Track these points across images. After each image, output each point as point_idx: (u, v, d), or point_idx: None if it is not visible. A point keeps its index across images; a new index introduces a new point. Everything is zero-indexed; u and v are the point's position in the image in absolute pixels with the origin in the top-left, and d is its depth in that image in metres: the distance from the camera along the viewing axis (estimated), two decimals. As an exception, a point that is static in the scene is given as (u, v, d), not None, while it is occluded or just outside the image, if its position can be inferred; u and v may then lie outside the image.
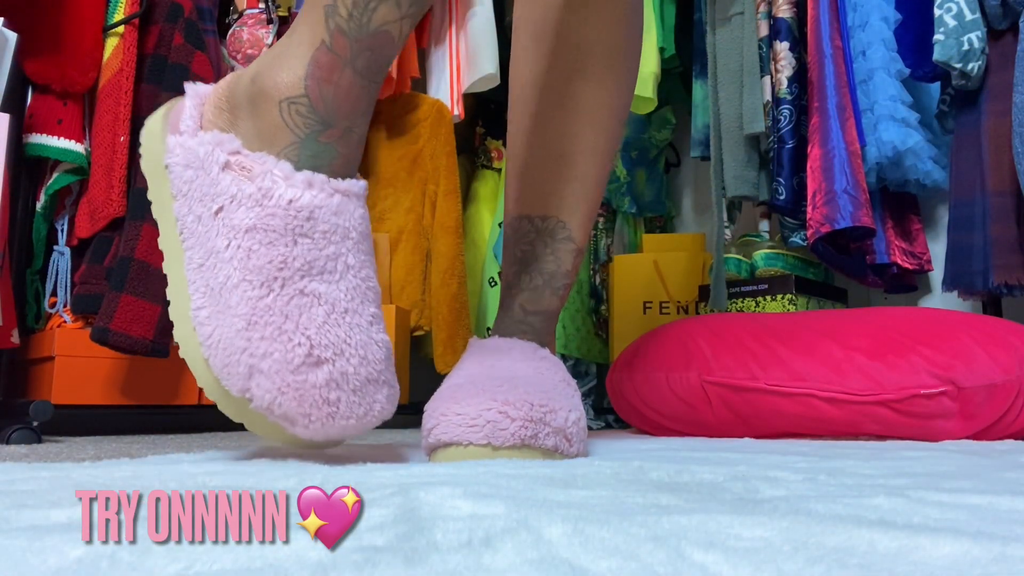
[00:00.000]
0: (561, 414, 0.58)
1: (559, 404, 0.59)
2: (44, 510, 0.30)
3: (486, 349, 0.67)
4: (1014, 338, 0.91)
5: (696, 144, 1.57)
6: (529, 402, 0.56)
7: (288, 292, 0.49)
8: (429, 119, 1.67)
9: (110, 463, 0.51)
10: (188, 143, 0.53)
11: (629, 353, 1.10)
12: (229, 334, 0.49)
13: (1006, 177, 1.22)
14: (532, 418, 0.55)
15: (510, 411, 0.55)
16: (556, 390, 0.62)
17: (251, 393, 0.49)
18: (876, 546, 0.25)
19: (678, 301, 1.56)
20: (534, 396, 0.57)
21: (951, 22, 1.25)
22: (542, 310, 0.72)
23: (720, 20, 1.52)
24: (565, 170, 0.73)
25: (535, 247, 0.73)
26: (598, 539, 0.25)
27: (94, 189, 1.23)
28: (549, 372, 0.65)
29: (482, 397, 0.55)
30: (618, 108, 0.75)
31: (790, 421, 0.95)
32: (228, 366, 0.50)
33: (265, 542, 0.24)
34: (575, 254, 0.74)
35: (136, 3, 1.29)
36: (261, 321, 0.48)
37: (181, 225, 0.54)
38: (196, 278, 0.52)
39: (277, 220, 0.49)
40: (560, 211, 0.73)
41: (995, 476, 0.47)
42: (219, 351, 0.50)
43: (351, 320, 0.50)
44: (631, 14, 0.75)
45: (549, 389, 0.60)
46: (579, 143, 0.73)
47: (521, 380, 0.59)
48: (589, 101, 0.73)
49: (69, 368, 1.17)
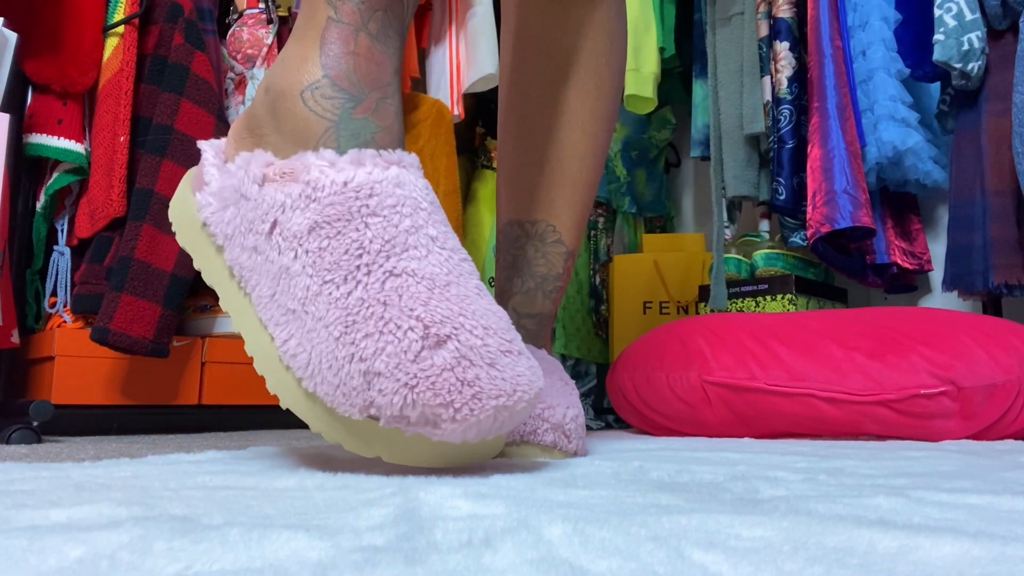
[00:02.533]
0: (559, 410, 0.59)
1: (557, 401, 0.60)
2: (44, 510, 0.30)
3: None
4: (1014, 338, 0.91)
5: (696, 144, 1.57)
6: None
7: (377, 277, 0.43)
8: (429, 119, 1.67)
9: (110, 463, 0.51)
10: (217, 185, 0.50)
11: (629, 353, 1.10)
12: (328, 348, 0.43)
13: (1006, 177, 1.22)
14: (530, 414, 0.55)
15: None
16: (553, 388, 0.62)
17: (376, 405, 0.42)
18: (876, 546, 0.25)
19: (678, 301, 1.56)
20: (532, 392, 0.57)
21: (951, 22, 1.25)
22: (535, 313, 0.72)
23: (720, 20, 1.52)
24: (553, 174, 0.73)
25: (526, 251, 0.73)
26: (598, 539, 0.25)
27: (94, 189, 1.23)
28: (546, 371, 0.65)
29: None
30: (604, 113, 0.75)
31: (790, 421, 0.95)
32: (340, 385, 0.42)
33: (265, 542, 0.24)
34: (566, 257, 0.73)
35: (136, 3, 1.29)
36: (359, 318, 0.42)
37: (237, 270, 0.48)
38: (271, 311, 0.46)
39: (338, 207, 0.44)
40: (550, 215, 0.73)
41: (995, 476, 0.47)
42: (323, 373, 0.43)
43: (457, 292, 0.44)
44: (613, 20, 0.75)
45: (546, 387, 0.61)
46: (566, 148, 0.73)
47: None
48: (574, 107, 0.73)
49: (69, 368, 1.17)
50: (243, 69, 1.50)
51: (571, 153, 0.73)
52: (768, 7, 1.47)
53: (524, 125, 0.75)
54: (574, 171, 0.74)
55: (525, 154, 0.75)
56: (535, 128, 0.74)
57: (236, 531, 0.25)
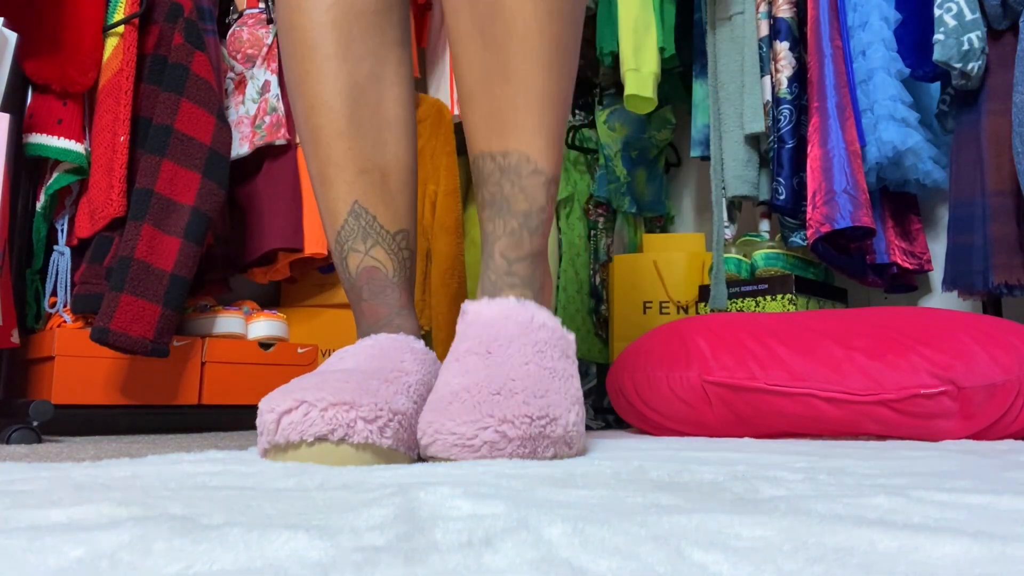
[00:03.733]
0: (561, 422, 0.58)
1: (559, 409, 0.58)
2: (44, 510, 0.30)
3: (480, 329, 0.63)
4: (1014, 338, 0.91)
5: (696, 144, 1.57)
6: (528, 416, 0.55)
7: None
8: (429, 119, 1.67)
9: (110, 463, 0.51)
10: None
11: (629, 353, 1.10)
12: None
13: (1006, 177, 1.22)
14: (530, 435, 0.55)
15: (508, 430, 0.54)
16: (555, 385, 0.60)
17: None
18: (876, 546, 0.25)
19: (678, 301, 1.56)
20: (533, 407, 0.56)
21: (951, 22, 1.25)
22: (525, 255, 0.68)
23: (720, 20, 1.52)
24: (517, 93, 0.66)
25: (502, 187, 0.67)
26: (598, 539, 0.25)
27: (94, 189, 1.24)
28: (548, 357, 0.62)
29: (478, 412, 0.54)
30: (564, 11, 0.66)
31: (790, 421, 0.95)
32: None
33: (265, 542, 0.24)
34: (547, 185, 0.68)
35: (136, 3, 1.29)
36: None
37: None
38: None
39: None
40: (521, 142, 0.66)
41: (995, 476, 0.47)
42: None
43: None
44: None
45: (549, 389, 0.59)
46: (528, 57, 0.65)
47: (519, 385, 0.58)
48: (526, 8, 0.65)
49: (69, 368, 1.17)
50: (243, 69, 1.50)
51: (534, 63, 0.65)
52: (768, 7, 1.47)
53: (469, 39, 0.67)
54: (540, 84, 0.66)
55: (483, 71, 0.67)
56: (490, 38, 0.66)
57: (236, 531, 0.25)
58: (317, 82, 0.70)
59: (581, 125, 1.88)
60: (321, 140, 0.70)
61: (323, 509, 0.32)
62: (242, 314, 1.38)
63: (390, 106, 0.73)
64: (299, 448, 0.53)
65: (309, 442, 0.52)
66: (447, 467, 0.49)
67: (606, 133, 1.80)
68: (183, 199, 1.23)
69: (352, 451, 0.53)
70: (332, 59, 0.70)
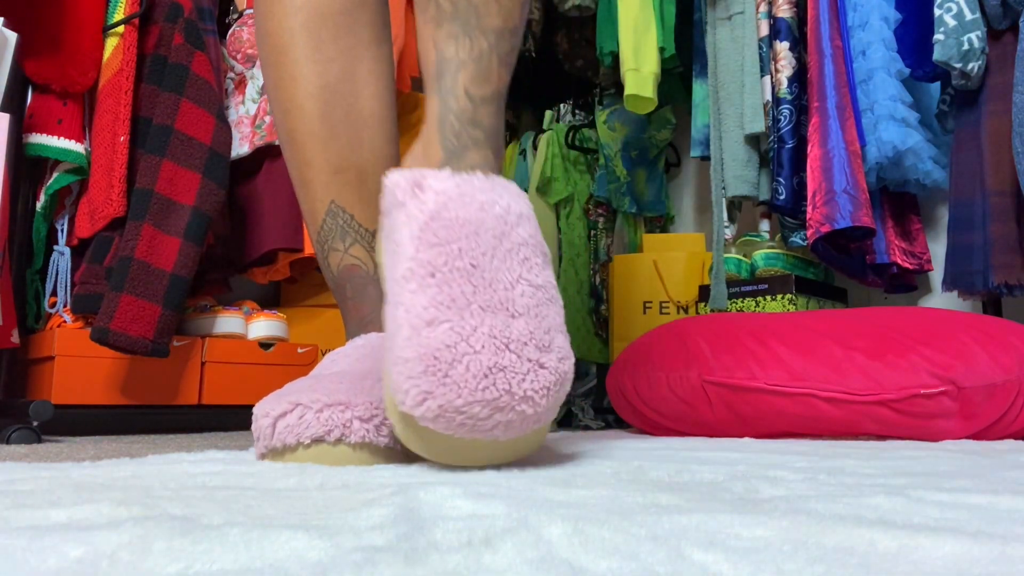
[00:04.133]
0: (569, 362, 0.50)
1: (564, 343, 0.50)
2: (44, 510, 0.30)
3: (454, 226, 0.50)
4: (1014, 338, 0.91)
5: (696, 144, 1.57)
6: (549, 385, 0.48)
7: None
8: (429, 119, 1.67)
9: (110, 463, 0.51)
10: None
11: (629, 353, 1.10)
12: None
13: (1006, 177, 1.22)
14: (550, 406, 0.49)
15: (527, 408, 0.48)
16: (551, 312, 0.51)
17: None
18: (876, 546, 0.25)
19: (678, 301, 1.56)
20: (548, 358, 0.49)
21: (951, 22, 1.25)
22: (492, 93, 0.55)
23: (720, 20, 1.52)
24: None
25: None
26: (598, 539, 0.25)
27: (94, 189, 1.24)
28: (534, 269, 0.51)
29: (492, 385, 0.47)
30: None
31: (790, 421, 0.95)
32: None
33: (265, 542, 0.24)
34: (522, 3, 0.58)
35: (136, 3, 1.29)
36: None
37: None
38: None
39: None
40: None
41: (995, 476, 0.47)
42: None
43: None
44: None
45: (551, 324, 0.50)
46: None
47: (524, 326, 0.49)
48: None
49: (69, 368, 1.17)
50: (243, 69, 1.50)
51: None
52: (768, 7, 1.47)
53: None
54: None
55: None
56: None
57: (236, 531, 0.25)
58: (289, 85, 0.70)
59: (581, 125, 1.88)
60: (296, 142, 0.71)
61: (323, 509, 0.32)
62: (242, 314, 1.38)
63: (365, 104, 0.73)
64: (296, 451, 0.53)
65: (306, 444, 0.52)
66: (447, 467, 0.49)
67: (606, 133, 1.80)
68: (183, 199, 1.23)
69: (349, 451, 0.53)
70: (302, 62, 0.70)
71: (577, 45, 1.87)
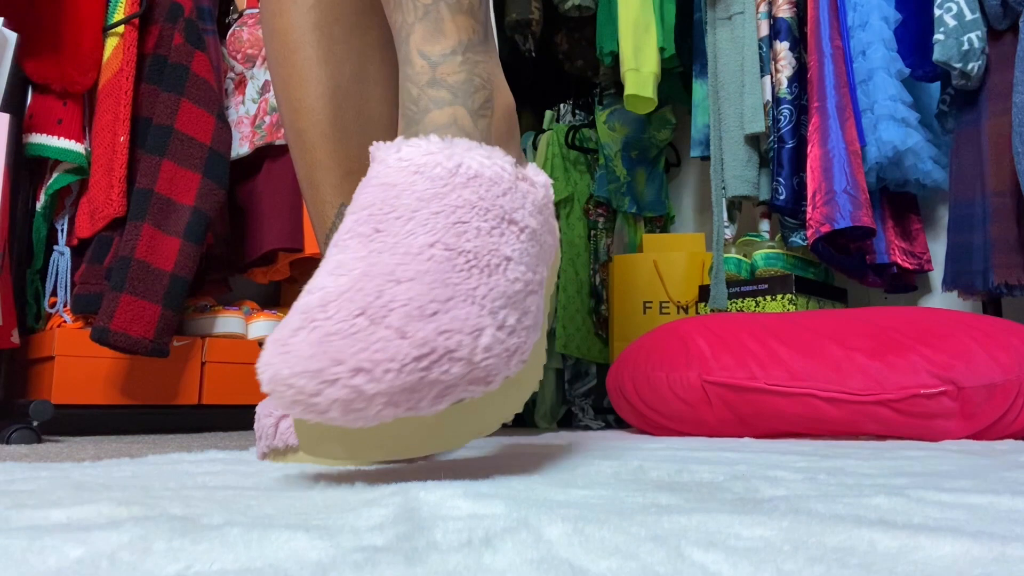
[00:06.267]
0: (463, 351, 0.41)
1: (465, 326, 0.41)
2: (44, 510, 0.30)
3: (374, 191, 0.46)
4: (1014, 338, 0.91)
5: (696, 144, 1.57)
6: (396, 360, 0.39)
7: None
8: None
9: (110, 463, 0.51)
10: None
11: (629, 353, 1.10)
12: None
13: (1006, 177, 1.22)
14: (406, 386, 0.39)
15: (365, 385, 0.38)
16: (469, 283, 0.43)
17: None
18: (876, 546, 0.25)
19: (678, 301, 1.56)
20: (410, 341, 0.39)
21: (951, 22, 1.25)
22: (452, 47, 0.51)
23: (720, 20, 1.52)
24: None
25: None
26: (598, 539, 0.25)
27: (94, 189, 1.24)
28: (470, 232, 0.44)
29: (323, 353, 0.38)
30: None
31: (790, 421, 0.95)
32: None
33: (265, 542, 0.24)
34: None
35: (136, 3, 1.29)
36: None
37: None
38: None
39: None
40: None
41: (995, 476, 0.47)
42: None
43: None
44: None
45: (455, 293, 0.42)
46: None
47: (403, 293, 0.41)
48: None
49: (69, 368, 1.17)
50: (243, 69, 1.50)
51: None
52: (768, 7, 1.47)
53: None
54: None
55: None
56: None
57: (236, 531, 0.25)
58: (299, 85, 0.69)
59: (581, 125, 1.88)
60: (306, 144, 0.70)
61: (323, 509, 0.32)
62: (242, 314, 1.38)
63: (375, 106, 0.72)
64: (298, 451, 0.53)
65: None
66: (447, 467, 0.49)
67: (606, 133, 1.80)
68: (183, 199, 1.23)
69: None
70: (314, 62, 0.69)
71: (577, 45, 1.87)
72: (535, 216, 0.47)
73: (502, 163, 0.46)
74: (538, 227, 0.48)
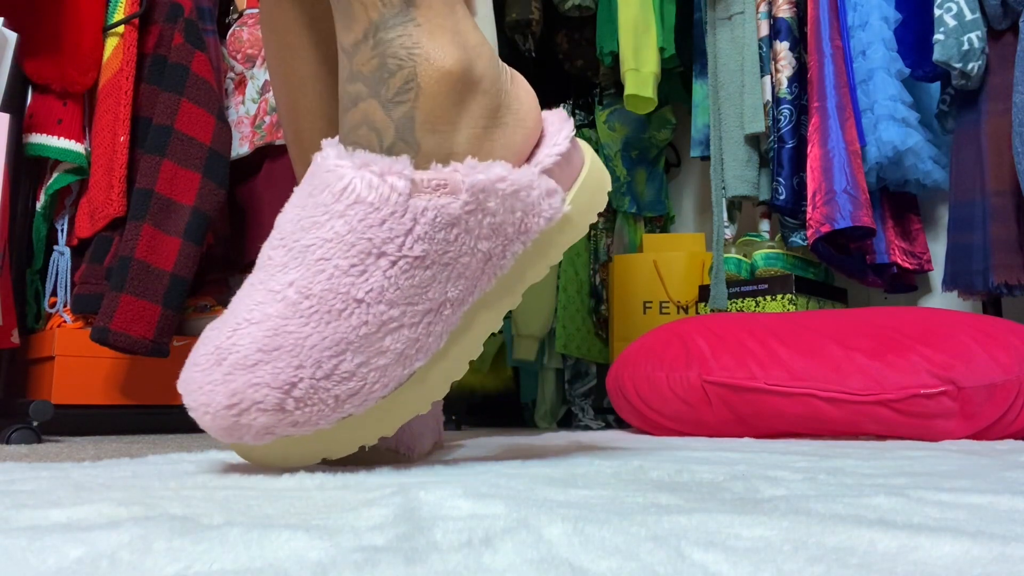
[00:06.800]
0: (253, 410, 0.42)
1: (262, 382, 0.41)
2: (44, 510, 0.30)
3: (286, 215, 0.45)
4: (1014, 338, 0.91)
5: (696, 144, 1.57)
6: (207, 405, 0.42)
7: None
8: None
9: (110, 463, 0.51)
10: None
11: (629, 353, 1.10)
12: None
13: (1006, 177, 1.22)
14: (225, 427, 0.42)
15: (205, 420, 0.43)
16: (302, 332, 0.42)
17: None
18: (876, 546, 0.25)
19: (678, 301, 1.56)
20: (232, 385, 0.41)
21: (951, 22, 1.25)
22: (363, 33, 0.45)
23: (720, 20, 1.52)
24: None
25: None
26: (598, 539, 0.25)
27: (94, 189, 1.24)
28: (330, 270, 0.42)
29: (197, 383, 0.43)
30: None
31: (790, 421, 0.95)
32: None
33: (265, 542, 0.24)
34: None
35: (136, 3, 1.29)
36: None
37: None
38: None
39: None
40: None
41: (995, 476, 0.47)
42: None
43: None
44: None
45: (282, 344, 0.41)
46: None
47: (243, 339, 0.42)
48: None
49: (69, 368, 1.17)
50: (243, 69, 1.50)
51: None
52: (768, 7, 1.47)
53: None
54: None
55: None
56: None
57: (236, 531, 0.25)
58: (299, 85, 0.68)
59: (581, 125, 1.88)
60: (305, 144, 0.69)
61: (323, 509, 0.32)
62: (242, 314, 1.38)
63: None
64: None
65: None
66: (447, 467, 0.49)
67: (606, 133, 1.80)
68: (183, 199, 1.23)
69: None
70: (313, 61, 0.68)
71: (577, 45, 1.87)
72: (428, 239, 0.43)
73: (394, 181, 0.42)
74: (432, 249, 0.43)
